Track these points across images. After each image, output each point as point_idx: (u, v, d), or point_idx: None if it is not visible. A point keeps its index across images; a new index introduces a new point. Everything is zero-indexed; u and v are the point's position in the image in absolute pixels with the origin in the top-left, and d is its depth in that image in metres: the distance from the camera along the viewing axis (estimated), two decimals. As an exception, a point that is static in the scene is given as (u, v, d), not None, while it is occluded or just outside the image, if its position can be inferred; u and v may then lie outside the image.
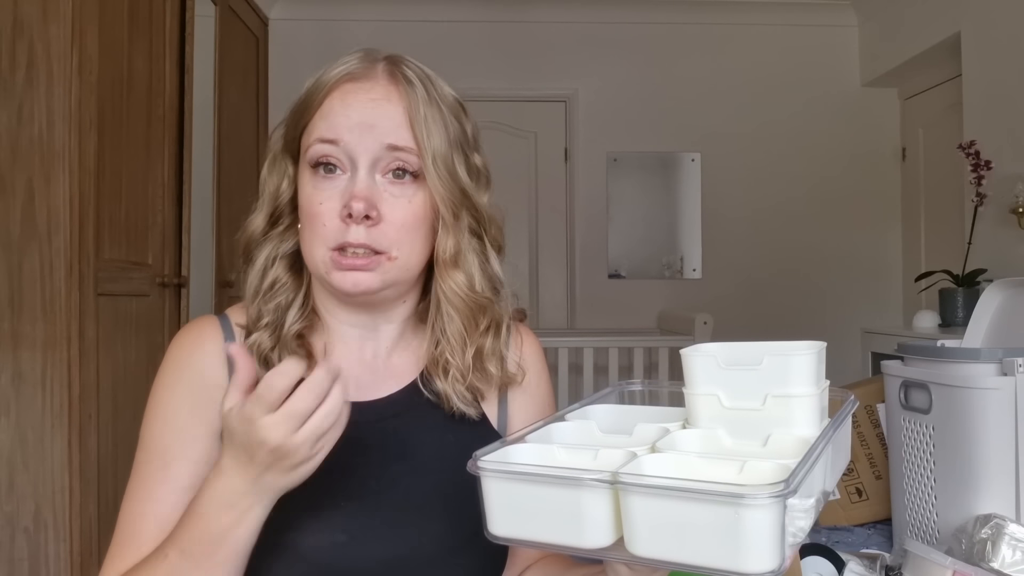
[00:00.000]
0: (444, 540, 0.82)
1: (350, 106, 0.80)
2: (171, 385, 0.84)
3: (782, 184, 4.12)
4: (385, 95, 0.81)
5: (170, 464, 0.81)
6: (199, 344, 0.85)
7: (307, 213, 0.81)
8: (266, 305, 0.85)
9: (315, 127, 0.81)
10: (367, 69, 0.82)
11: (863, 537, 1.41)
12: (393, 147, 0.80)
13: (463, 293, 0.84)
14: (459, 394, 0.86)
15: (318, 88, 0.83)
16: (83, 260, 2.13)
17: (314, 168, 0.81)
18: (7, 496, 2.07)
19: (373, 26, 4.00)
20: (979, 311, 1.32)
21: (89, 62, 2.16)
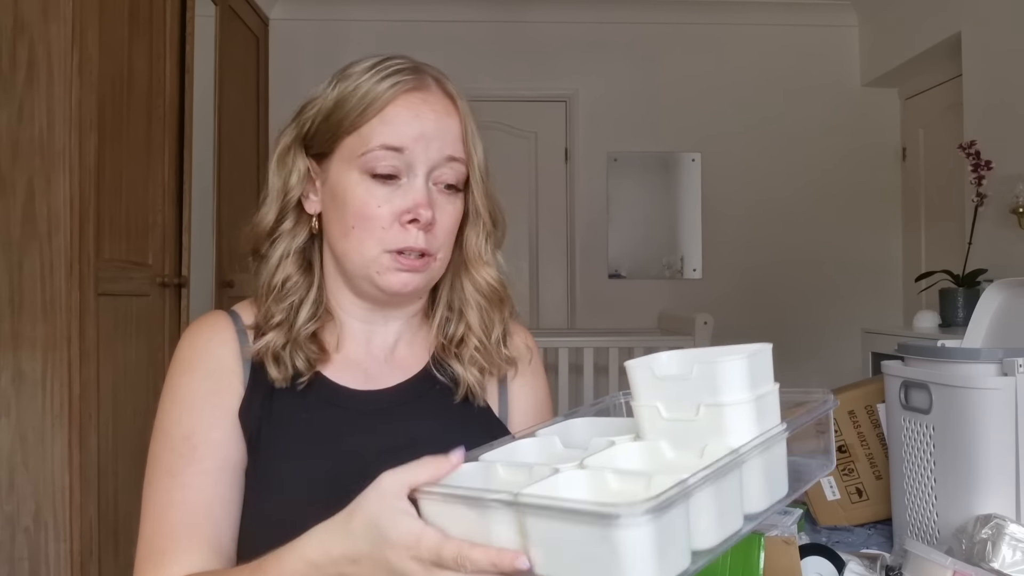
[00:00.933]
0: None
1: (417, 117, 0.84)
2: (189, 371, 0.86)
3: (782, 184, 4.12)
4: (445, 109, 0.86)
5: (197, 447, 0.82)
6: (214, 333, 0.88)
7: (359, 214, 0.84)
8: (278, 304, 0.87)
9: (375, 132, 0.84)
10: (422, 80, 0.86)
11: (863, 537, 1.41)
12: (452, 158, 0.86)
13: (496, 285, 0.92)
14: (476, 378, 0.91)
15: (372, 94, 0.84)
16: (83, 260, 2.13)
17: (372, 173, 0.84)
18: (7, 496, 2.07)
19: (373, 26, 4.00)
20: (979, 311, 1.32)
21: (89, 62, 2.16)
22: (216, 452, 0.83)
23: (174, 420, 0.84)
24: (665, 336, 3.61)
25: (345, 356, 0.91)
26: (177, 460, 0.82)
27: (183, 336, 0.89)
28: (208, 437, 0.83)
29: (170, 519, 0.80)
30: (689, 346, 3.29)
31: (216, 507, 0.82)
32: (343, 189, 0.85)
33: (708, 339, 3.31)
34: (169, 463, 0.82)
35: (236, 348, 0.87)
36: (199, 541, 0.80)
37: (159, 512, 0.81)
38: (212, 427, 0.83)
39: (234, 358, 0.87)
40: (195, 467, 0.82)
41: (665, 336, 3.61)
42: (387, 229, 0.84)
